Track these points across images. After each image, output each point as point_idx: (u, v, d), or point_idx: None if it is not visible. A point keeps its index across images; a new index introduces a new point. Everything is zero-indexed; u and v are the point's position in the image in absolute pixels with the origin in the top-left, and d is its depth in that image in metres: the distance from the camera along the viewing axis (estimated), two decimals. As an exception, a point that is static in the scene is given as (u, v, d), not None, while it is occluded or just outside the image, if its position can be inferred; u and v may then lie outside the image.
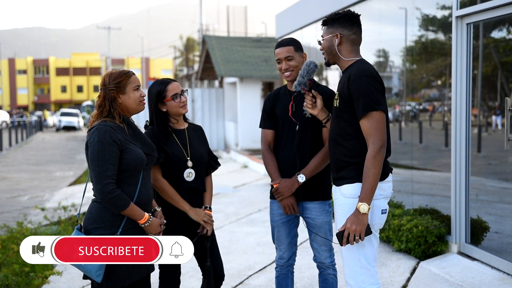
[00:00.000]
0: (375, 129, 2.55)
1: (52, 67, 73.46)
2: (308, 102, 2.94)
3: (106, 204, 2.57)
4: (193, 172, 3.10)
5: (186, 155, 3.09)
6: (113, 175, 2.56)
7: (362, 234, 2.53)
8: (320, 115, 2.95)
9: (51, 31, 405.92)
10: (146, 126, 3.19)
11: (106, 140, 2.55)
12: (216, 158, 3.33)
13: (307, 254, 4.82)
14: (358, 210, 2.52)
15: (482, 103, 5.31)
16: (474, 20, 4.59)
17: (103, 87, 2.68)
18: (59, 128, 36.02)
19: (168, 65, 72.27)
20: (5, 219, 7.21)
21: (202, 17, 28.16)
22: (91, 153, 2.57)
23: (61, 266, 4.91)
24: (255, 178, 10.85)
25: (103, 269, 2.55)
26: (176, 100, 3.06)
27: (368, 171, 2.52)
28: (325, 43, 2.76)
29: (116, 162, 2.58)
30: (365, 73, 2.59)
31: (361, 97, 2.56)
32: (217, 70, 17.01)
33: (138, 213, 2.64)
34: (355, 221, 2.52)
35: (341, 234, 2.57)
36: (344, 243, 2.56)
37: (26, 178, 11.91)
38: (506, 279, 4.12)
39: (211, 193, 3.24)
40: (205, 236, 3.15)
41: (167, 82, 3.09)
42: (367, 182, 2.52)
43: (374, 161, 2.52)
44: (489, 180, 5.45)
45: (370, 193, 2.52)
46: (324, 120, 2.97)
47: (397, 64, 6.75)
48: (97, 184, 2.55)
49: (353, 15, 2.76)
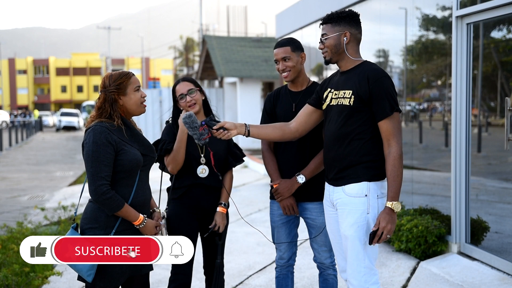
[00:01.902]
0: (398, 129, 2.59)
1: (52, 67, 73.44)
2: (221, 136, 2.73)
3: (100, 205, 2.57)
4: (206, 169, 3.10)
5: (200, 151, 3.10)
6: (107, 176, 2.55)
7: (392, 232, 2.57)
8: (239, 131, 2.77)
9: (51, 31, 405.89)
10: (167, 122, 3.24)
11: (101, 141, 2.55)
12: (238, 156, 3.28)
13: (307, 254, 4.82)
14: (392, 209, 2.54)
15: (482, 103, 5.31)
16: (474, 20, 4.59)
17: (104, 89, 2.67)
18: (59, 128, 36.03)
19: (168, 65, 72.24)
20: (5, 219, 7.21)
21: (202, 17, 28.17)
22: (85, 153, 2.57)
23: (61, 266, 4.91)
24: (255, 178, 10.85)
25: (94, 269, 2.54)
26: (182, 100, 3.12)
27: (396, 170, 2.55)
28: (331, 41, 2.71)
29: (111, 163, 2.57)
30: (385, 74, 2.62)
31: (384, 98, 2.58)
32: (217, 70, 17.01)
33: (132, 215, 2.62)
34: (390, 220, 2.54)
35: (373, 233, 2.56)
36: (374, 242, 2.56)
37: (26, 178, 11.91)
38: (506, 279, 4.12)
39: (228, 190, 3.22)
40: (216, 233, 3.16)
41: (178, 81, 3.18)
42: (397, 181, 2.55)
43: (400, 160, 2.57)
44: (489, 180, 5.45)
45: (399, 191, 2.57)
46: (246, 133, 2.78)
47: (397, 64, 6.75)
48: (91, 185, 2.54)
49: (357, 14, 2.76)
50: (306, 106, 2.93)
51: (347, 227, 2.66)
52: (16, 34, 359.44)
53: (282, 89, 3.27)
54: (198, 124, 2.67)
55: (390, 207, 2.54)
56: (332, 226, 2.85)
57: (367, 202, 2.63)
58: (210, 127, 2.71)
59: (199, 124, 2.68)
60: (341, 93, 2.70)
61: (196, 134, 2.68)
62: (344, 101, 2.68)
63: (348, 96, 2.66)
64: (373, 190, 2.63)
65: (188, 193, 3.14)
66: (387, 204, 2.55)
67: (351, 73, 2.71)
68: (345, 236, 2.68)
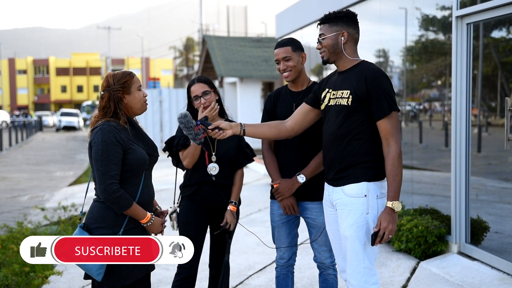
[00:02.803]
0: (397, 129, 2.59)
1: (52, 67, 73.43)
2: (217, 136, 2.73)
3: (110, 204, 2.57)
4: (216, 167, 3.13)
5: (212, 149, 3.12)
6: (116, 175, 2.56)
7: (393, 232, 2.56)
8: (235, 131, 2.77)
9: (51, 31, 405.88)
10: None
11: (110, 140, 2.55)
12: (249, 155, 3.33)
13: (307, 254, 4.82)
14: (392, 209, 2.54)
15: (482, 103, 5.31)
16: (474, 20, 4.59)
17: (108, 88, 2.66)
18: (59, 128, 36.02)
19: (168, 65, 72.23)
20: (5, 219, 7.21)
21: (202, 17, 28.17)
22: (94, 152, 2.56)
23: (61, 266, 4.91)
24: (255, 178, 10.85)
25: (104, 268, 2.55)
26: (196, 102, 3.16)
27: (395, 169, 2.54)
28: (329, 41, 2.71)
29: (120, 162, 2.58)
30: (382, 73, 2.62)
31: (382, 97, 2.57)
32: (217, 70, 17.01)
33: (140, 213, 2.64)
34: (391, 220, 2.54)
35: (375, 234, 2.55)
36: (377, 243, 2.56)
37: (26, 178, 11.91)
38: (506, 279, 4.12)
39: (238, 188, 3.26)
40: (226, 230, 3.20)
41: (193, 82, 3.21)
42: (397, 181, 2.55)
43: (400, 159, 2.56)
44: (489, 180, 5.44)
45: (399, 191, 2.56)
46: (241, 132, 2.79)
47: (397, 64, 6.75)
48: (100, 184, 2.55)
49: (355, 14, 2.76)
50: (303, 105, 2.93)
51: (346, 228, 2.65)
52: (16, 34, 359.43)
53: (282, 89, 3.28)
54: (193, 124, 2.69)
55: (390, 207, 2.54)
56: (332, 226, 2.85)
57: (367, 203, 2.62)
58: (206, 127, 2.72)
59: (195, 124, 2.70)
60: (339, 93, 2.70)
61: (191, 134, 2.69)
62: (342, 101, 2.67)
63: (346, 96, 2.66)
64: (372, 190, 2.63)
65: (199, 190, 3.19)
66: (388, 204, 2.55)
67: (348, 73, 2.70)
68: (345, 237, 2.67)
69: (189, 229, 3.15)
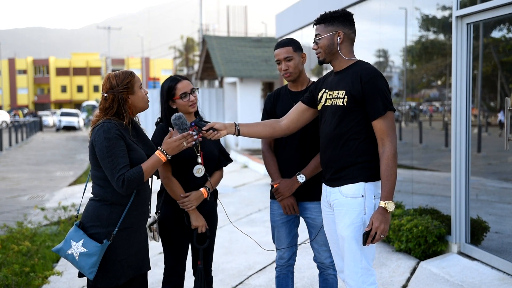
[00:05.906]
0: (392, 128, 2.58)
1: (52, 67, 73.44)
2: (211, 136, 2.74)
3: (132, 190, 2.56)
4: (202, 168, 3.08)
5: (196, 151, 3.08)
6: (126, 166, 2.54)
7: (386, 232, 2.55)
8: (229, 131, 2.79)
9: (51, 31, 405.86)
10: (157, 123, 3.21)
11: (112, 135, 2.54)
12: (228, 155, 3.31)
13: (307, 254, 4.82)
14: (385, 209, 2.53)
15: (482, 103, 5.31)
16: (474, 20, 4.59)
17: (112, 90, 2.63)
18: (59, 128, 36.02)
19: (168, 65, 72.24)
20: (5, 219, 7.21)
21: (202, 17, 28.17)
22: (99, 151, 2.55)
23: (61, 266, 4.92)
24: (255, 178, 10.85)
25: (96, 266, 2.53)
26: (185, 99, 3.06)
27: (390, 169, 2.53)
28: (324, 41, 2.71)
29: (126, 155, 2.57)
30: (378, 73, 2.61)
31: (378, 97, 2.57)
32: (217, 70, 17.01)
33: (153, 160, 2.60)
34: (383, 220, 2.52)
35: (367, 233, 2.54)
36: (368, 243, 2.55)
37: (26, 178, 11.91)
38: (506, 279, 4.12)
39: (216, 180, 3.20)
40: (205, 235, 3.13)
41: (178, 79, 3.10)
42: (390, 181, 2.53)
43: (394, 159, 2.55)
44: (489, 180, 5.44)
45: (393, 191, 2.55)
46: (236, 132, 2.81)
47: (397, 64, 6.75)
48: (112, 181, 2.54)
49: (351, 14, 2.75)
50: (299, 104, 2.92)
51: (344, 228, 2.65)
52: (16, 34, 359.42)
53: (282, 89, 3.28)
54: (187, 126, 2.66)
55: (383, 206, 2.53)
56: (330, 226, 2.85)
57: (364, 203, 2.62)
58: (200, 128, 2.70)
59: (189, 125, 2.67)
60: (335, 93, 2.70)
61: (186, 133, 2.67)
62: (338, 102, 2.67)
63: (341, 97, 2.66)
64: (369, 190, 2.63)
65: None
66: (380, 203, 2.54)
67: (344, 73, 2.70)
68: (342, 237, 2.67)
69: (172, 236, 3.08)
